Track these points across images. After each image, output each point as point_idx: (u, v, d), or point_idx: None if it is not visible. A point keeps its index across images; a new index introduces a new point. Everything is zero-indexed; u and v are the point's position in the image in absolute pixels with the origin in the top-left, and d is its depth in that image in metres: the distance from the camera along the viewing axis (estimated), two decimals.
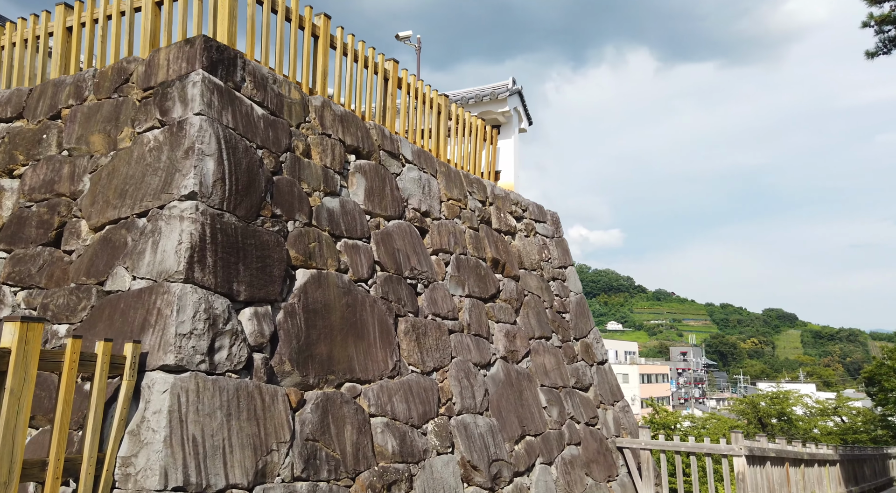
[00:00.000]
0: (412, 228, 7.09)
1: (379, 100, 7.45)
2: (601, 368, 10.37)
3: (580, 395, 9.41)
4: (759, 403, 39.12)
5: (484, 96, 9.79)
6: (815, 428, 37.05)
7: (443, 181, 7.87)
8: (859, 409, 41.92)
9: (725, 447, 8.90)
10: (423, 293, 6.94)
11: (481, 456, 6.70)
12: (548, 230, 10.20)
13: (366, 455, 5.37)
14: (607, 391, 10.25)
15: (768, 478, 9.75)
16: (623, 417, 10.39)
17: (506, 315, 8.36)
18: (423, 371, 6.49)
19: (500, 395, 7.61)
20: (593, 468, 8.81)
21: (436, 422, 6.37)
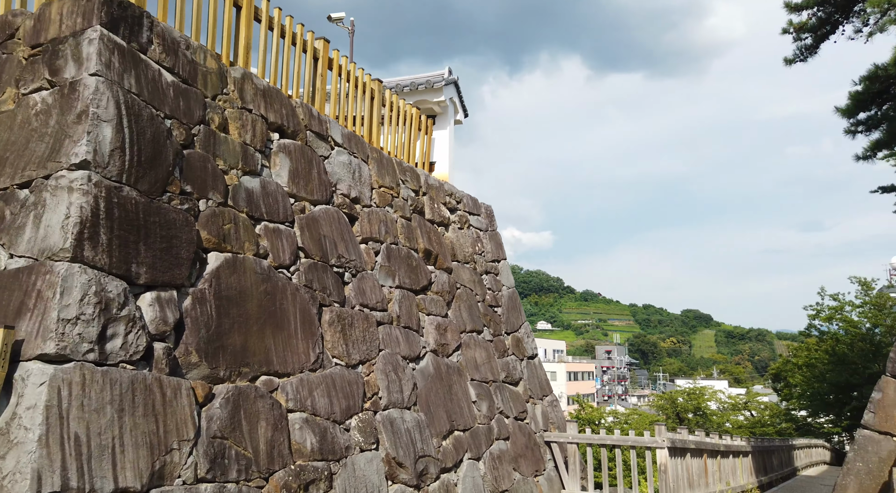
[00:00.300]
0: (340, 215, 6.65)
1: (308, 80, 6.96)
2: (531, 362, 10.20)
3: (510, 389, 9.19)
4: (677, 399, 40.48)
5: (419, 85, 9.43)
6: (728, 422, 38.66)
7: (374, 168, 7.45)
8: (767, 403, 44.09)
9: (649, 440, 8.87)
10: (351, 283, 6.51)
11: (407, 452, 6.33)
12: (482, 223, 9.94)
13: (281, 453, 4.90)
14: (536, 386, 10.08)
15: (688, 469, 9.82)
16: (551, 411, 10.25)
17: (437, 308, 8.02)
18: (349, 364, 6.06)
19: (430, 389, 7.26)
20: (521, 463, 8.59)
21: (360, 417, 5.95)
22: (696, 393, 39.85)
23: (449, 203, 9.05)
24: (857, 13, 10.11)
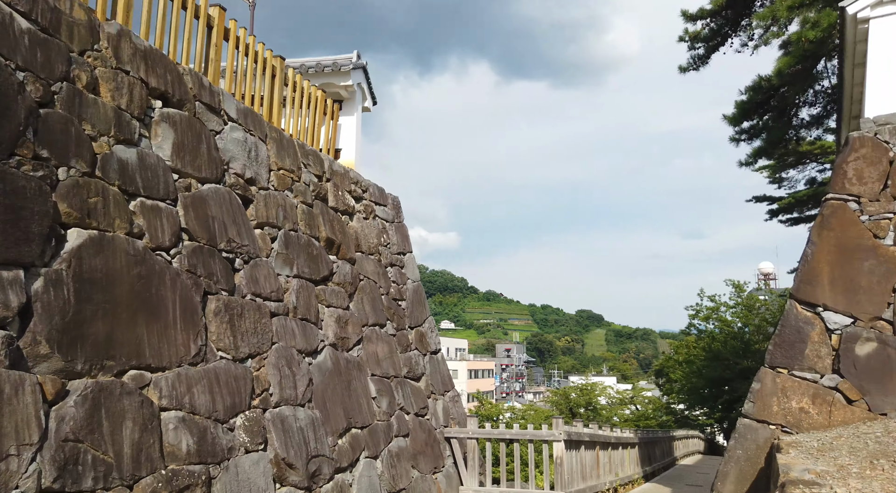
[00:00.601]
0: (233, 196, 6.03)
1: (200, 50, 6.27)
2: (434, 357, 9.91)
3: (412, 385, 8.85)
4: (570, 394, 41.83)
5: (326, 67, 8.88)
6: (616, 416, 40.41)
7: (274, 148, 6.86)
8: (650, 398, 46.54)
9: (547, 433, 8.81)
10: (243, 270, 5.91)
11: (299, 452, 5.82)
12: (388, 214, 9.54)
13: (150, 457, 4.27)
14: (439, 381, 9.81)
15: (582, 462, 9.88)
16: (453, 407, 10.01)
17: (338, 300, 7.53)
18: (236, 358, 5.47)
19: (327, 385, 6.78)
20: (420, 460, 8.27)
21: (247, 416, 5.38)
22: (587, 389, 41.36)
23: (354, 191, 8.58)
24: (743, 27, 10.61)
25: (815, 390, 6.78)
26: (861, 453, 3.93)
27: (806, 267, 7.24)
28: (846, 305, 6.93)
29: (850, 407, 6.60)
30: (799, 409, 6.78)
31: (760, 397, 6.97)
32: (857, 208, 7.21)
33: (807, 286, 7.16)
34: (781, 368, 7.01)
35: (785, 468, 3.79)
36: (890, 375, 6.50)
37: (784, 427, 6.78)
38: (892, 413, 6.39)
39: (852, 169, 7.33)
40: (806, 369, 6.90)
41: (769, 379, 7.01)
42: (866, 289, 6.90)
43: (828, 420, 6.62)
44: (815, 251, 7.24)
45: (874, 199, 7.16)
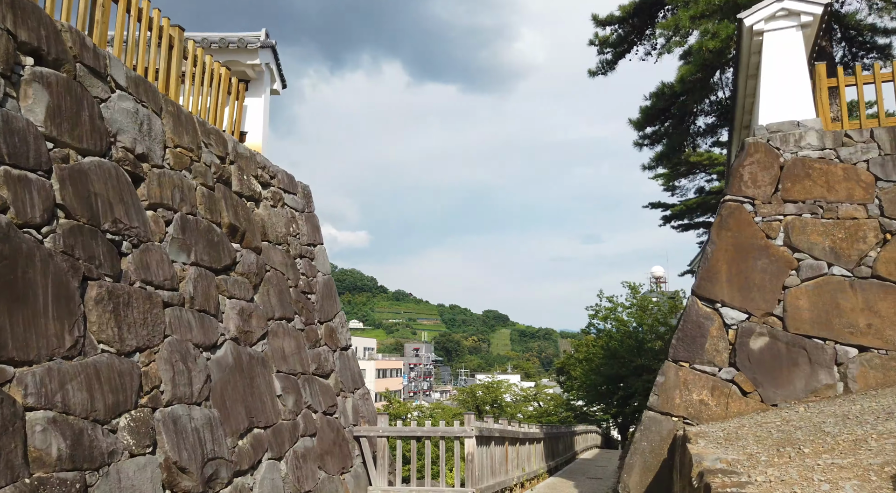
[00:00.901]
0: (120, 172, 5.37)
1: (84, 8, 5.54)
2: (344, 353, 9.48)
3: (320, 382, 8.39)
4: (476, 392, 42.32)
5: (231, 43, 8.24)
6: (520, 413, 41.30)
7: (170, 123, 6.21)
8: (552, 394, 47.96)
9: (459, 430, 8.64)
10: (131, 255, 5.28)
11: (193, 455, 5.27)
12: (298, 203, 9.01)
13: (11, 464, 3.64)
14: (349, 378, 9.39)
15: (492, 458, 9.80)
16: (363, 405, 9.63)
17: (242, 291, 6.97)
18: (121, 351, 4.86)
19: (227, 382, 6.22)
20: (327, 461, 7.83)
21: (133, 416, 4.79)
22: (493, 387, 42.01)
23: (261, 177, 8.01)
24: (648, 36, 10.93)
25: (713, 383, 7.02)
26: (766, 441, 3.99)
27: (706, 265, 7.49)
28: (742, 301, 7.23)
29: (744, 399, 6.87)
30: (699, 401, 6.99)
31: (664, 390, 7.12)
32: (752, 210, 7.55)
33: (707, 283, 7.40)
34: (683, 361, 7.21)
35: (698, 457, 3.76)
36: (780, 368, 6.83)
37: (686, 419, 6.96)
38: (782, 404, 6.70)
39: (748, 172, 7.67)
40: (706, 363, 7.13)
41: (672, 373, 7.18)
42: (760, 286, 7.23)
43: (725, 412, 6.86)
44: (714, 250, 7.51)
45: (767, 201, 7.52)
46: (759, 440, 4.05)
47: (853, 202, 7.20)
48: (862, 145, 7.38)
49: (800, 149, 7.58)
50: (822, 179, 7.37)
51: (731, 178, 7.73)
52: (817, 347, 6.78)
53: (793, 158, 7.54)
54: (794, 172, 7.48)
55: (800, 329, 6.90)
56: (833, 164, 7.40)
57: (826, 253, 7.09)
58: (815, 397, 6.62)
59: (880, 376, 6.48)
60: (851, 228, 7.11)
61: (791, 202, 7.41)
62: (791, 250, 7.23)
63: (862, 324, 6.71)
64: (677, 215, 33.62)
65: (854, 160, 7.36)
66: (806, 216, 7.30)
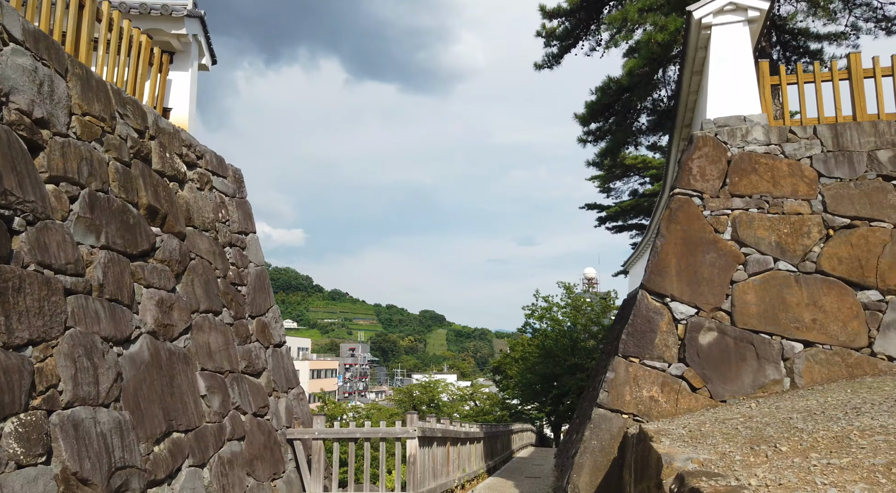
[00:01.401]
0: (13, 137, 4.59)
1: None
2: (278, 351, 8.82)
3: (250, 381, 7.71)
4: (413, 392, 41.83)
5: (153, 9, 7.42)
6: (456, 412, 41.10)
7: (77, 88, 5.43)
8: (488, 393, 48.06)
9: (401, 430, 8.15)
10: (26, 233, 4.52)
11: (98, 464, 4.56)
12: (228, 187, 8.28)
13: None
14: (282, 377, 8.73)
15: (434, 459, 9.37)
16: (297, 405, 8.98)
17: (161, 280, 6.24)
18: (9, 344, 4.11)
19: (142, 380, 5.51)
20: (257, 466, 7.18)
21: (22, 420, 4.05)
22: (430, 386, 41.65)
23: (187, 156, 7.26)
24: (593, 31, 10.79)
25: (663, 379, 6.83)
26: (736, 439, 3.74)
27: (655, 259, 7.32)
28: (691, 295, 7.09)
29: (694, 395, 6.71)
30: (649, 397, 6.79)
31: (614, 386, 6.88)
32: (701, 204, 7.44)
33: (656, 277, 7.23)
34: (634, 357, 7.00)
35: (668, 457, 3.45)
36: (728, 363, 6.72)
37: (636, 416, 6.74)
38: (730, 400, 6.59)
39: (696, 166, 7.57)
40: (655, 358, 6.94)
41: (622, 369, 6.95)
42: (709, 280, 7.11)
43: (675, 408, 6.68)
44: (663, 244, 7.35)
45: (715, 195, 7.43)
46: (728, 438, 3.79)
47: (798, 198, 7.20)
48: (805, 142, 7.40)
49: (746, 143, 7.53)
50: (768, 174, 7.34)
51: (679, 171, 7.60)
52: (764, 342, 6.71)
53: (740, 153, 7.49)
54: (741, 166, 7.42)
55: (747, 324, 6.81)
56: (778, 159, 7.39)
57: (772, 248, 7.04)
58: (762, 392, 6.53)
59: (825, 371, 6.45)
60: (796, 223, 7.10)
61: (738, 197, 7.34)
62: (739, 245, 7.15)
63: (807, 319, 6.68)
64: (612, 217, 34.34)
65: (798, 156, 7.36)
66: (753, 211, 7.24)
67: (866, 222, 6.90)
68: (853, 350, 6.48)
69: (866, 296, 6.64)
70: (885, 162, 7.10)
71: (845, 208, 6.99)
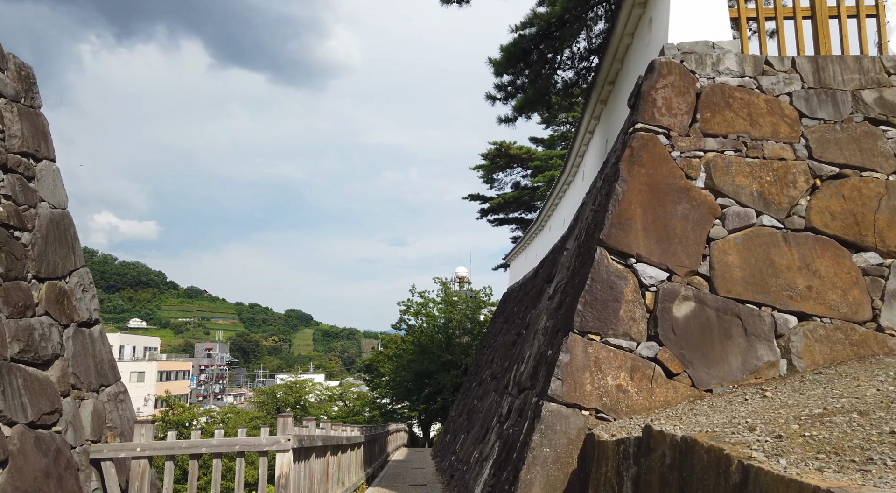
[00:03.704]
0: None
1: None
2: (84, 332, 6.09)
3: (28, 373, 5.00)
4: (277, 393, 38.33)
5: None
6: (325, 413, 38.26)
7: None
8: (359, 393, 45.61)
9: (269, 440, 5.82)
10: None
11: None
12: (7, 87, 5.46)
13: None
14: (90, 370, 6.03)
15: (311, 474, 7.10)
16: (114, 409, 6.30)
17: None
18: None
19: None
20: None
21: None
22: (296, 386, 38.40)
23: None
24: None
25: (633, 362, 5.18)
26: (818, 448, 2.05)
27: (616, 209, 5.68)
28: (661, 255, 5.53)
29: (671, 383, 5.12)
30: (616, 387, 5.09)
31: (570, 372, 5.11)
32: (668, 143, 5.93)
33: (618, 232, 5.59)
34: (593, 334, 5.27)
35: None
36: (711, 342, 5.22)
37: (600, 412, 5.00)
38: (717, 389, 5.08)
39: (661, 97, 6.05)
40: (621, 336, 5.27)
41: (580, 349, 5.20)
42: (681, 237, 5.59)
43: (649, 401, 5.04)
44: (625, 191, 5.73)
45: (684, 133, 5.96)
46: (806, 446, 2.12)
47: (779, 140, 5.91)
48: (784, 75, 6.15)
49: (717, 74, 6.15)
50: (744, 111, 5.99)
51: (641, 103, 6.04)
52: (753, 314, 5.28)
53: (710, 85, 6.09)
54: (712, 100, 6.02)
55: (731, 292, 5.36)
56: (754, 94, 6.08)
57: (754, 199, 5.68)
58: (755, 378, 5.08)
59: (827, 351, 5.13)
60: (780, 170, 5.79)
61: (711, 136, 5.92)
62: (715, 194, 5.72)
63: (801, 286, 5.35)
64: (494, 209, 33.55)
65: (777, 92, 6.10)
66: (729, 154, 5.85)
67: (857, 172, 5.74)
68: (857, 325, 5.23)
69: (864, 259, 5.45)
70: (871, 103, 6.01)
71: (833, 155, 5.80)
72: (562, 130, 30.54)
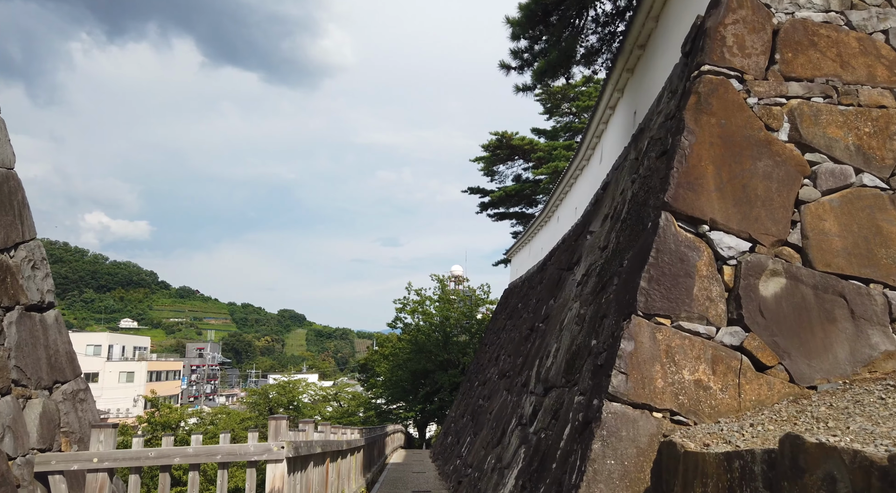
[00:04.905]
0: None
1: None
2: (35, 318, 5.01)
3: None
4: (270, 393, 37.14)
5: None
6: (318, 414, 37.11)
7: None
8: (353, 393, 44.49)
9: (258, 448, 4.75)
10: None
11: None
12: None
13: None
14: (41, 363, 4.94)
15: (308, 486, 6.03)
16: (72, 411, 5.23)
17: None
18: None
19: None
20: None
21: None
22: (289, 386, 37.22)
23: None
24: None
25: (714, 352, 4.15)
26: None
27: (683, 166, 4.65)
28: (741, 222, 4.50)
29: (764, 377, 4.08)
30: (694, 382, 4.05)
31: (635, 364, 4.07)
32: (742, 88, 4.90)
33: (687, 193, 4.56)
34: (662, 316, 4.24)
35: None
36: (810, 327, 4.19)
37: (675, 414, 3.97)
38: (822, 385, 4.05)
39: (731, 34, 5.03)
40: (696, 319, 4.24)
41: (646, 335, 4.16)
42: (765, 200, 4.57)
43: (737, 399, 4.00)
44: (694, 144, 4.70)
45: (761, 77, 4.93)
46: None
47: (876, 85, 4.90)
48: (877, 10, 5.14)
49: (797, 8, 5.13)
50: (832, 51, 4.97)
51: (707, 42, 5.01)
52: (860, 292, 4.26)
53: (790, 20, 5.06)
54: (793, 38, 5.00)
55: (830, 266, 4.33)
56: (843, 31, 5.06)
57: (851, 154, 4.66)
58: (869, 372, 4.05)
59: None
60: (880, 120, 4.78)
61: (795, 80, 4.90)
62: (801, 149, 4.69)
63: None
64: (494, 203, 32.47)
65: (869, 29, 5.09)
66: (817, 101, 4.83)
67: None
68: None
69: None
70: None
71: None
72: (565, 121, 29.55)
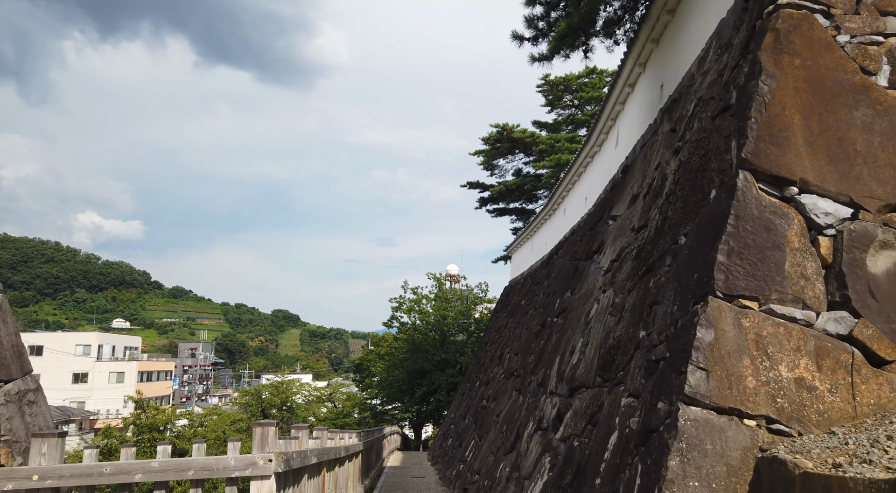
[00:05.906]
0: None
1: None
2: None
3: None
4: (263, 393, 36.14)
5: None
6: (313, 415, 36.13)
7: None
8: (348, 393, 43.51)
9: (239, 461, 3.85)
10: None
11: None
12: None
13: None
14: None
15: None
16: (17, 415, 4.32)
17: None
18: None
19: None
20: None
21: None
22: (283, 387, 36.22)
23: None
24: None
25: (817, 343, 3.28)
26: None
27: (763, 116, 3.77)
28: (838, 182, 3.64)
29: (883, 375, 3.22)
30: (795, 381, 3.18)
31: (717, 358, 3.19)
32: (829, 24, 4.06)
33: (770, 147, 3.68)
34: (748, 298, 3.36)
35: None
36: None
37: (773, 421, 3.10)
38: None
39: None
40: (790, 302, 3.38)
41: (729, 321, 3.28)
42: (866, 156, 3.70)
43: (851, 403, 3.12)
44: (775, 89, 3.82)
45: (852, 11, 4.07)
46: None
47: None
48: None
49: None
50: None
51: None
52: None
53: None
54: None
55: None
56: None
57: None
58: None
59: None
60: None
61: (893, 15, 4.04)
62: None
63: None
64: (494, 198, 31.59)
65: None
66: None
67: None
68: None
69: None
70: None
71: None
72: (566, 114, 28.72)
